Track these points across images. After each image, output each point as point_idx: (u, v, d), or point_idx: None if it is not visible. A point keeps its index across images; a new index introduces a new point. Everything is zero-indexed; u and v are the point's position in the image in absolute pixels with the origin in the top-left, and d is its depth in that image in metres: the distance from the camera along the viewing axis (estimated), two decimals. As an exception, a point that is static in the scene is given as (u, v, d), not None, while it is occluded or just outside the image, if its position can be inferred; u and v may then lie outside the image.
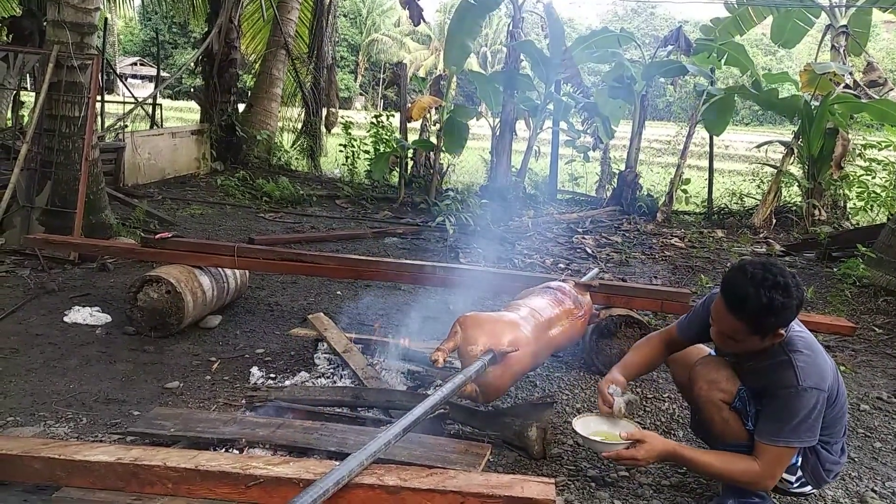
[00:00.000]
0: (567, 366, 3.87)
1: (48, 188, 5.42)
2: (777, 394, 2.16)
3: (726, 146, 17.83)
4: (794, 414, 2.12)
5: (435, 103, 8.95)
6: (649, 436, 2.24)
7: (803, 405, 2.11)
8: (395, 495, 1.62)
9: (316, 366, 3.54)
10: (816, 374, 2.15)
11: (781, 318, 2.13)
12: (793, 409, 2.12)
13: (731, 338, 2.23)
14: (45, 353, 3.62)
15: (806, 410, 2.11)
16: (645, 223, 8.52)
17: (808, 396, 2.11)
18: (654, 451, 2.21)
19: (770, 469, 2.18)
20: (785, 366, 2.16)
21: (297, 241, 6.39)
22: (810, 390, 2.11)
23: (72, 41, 5.34)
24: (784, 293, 2.08)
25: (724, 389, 2.29)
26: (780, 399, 2.15)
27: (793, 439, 2.14)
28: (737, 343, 2.23)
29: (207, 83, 10.64)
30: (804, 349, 2.18)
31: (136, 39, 41.82)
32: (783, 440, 2.14)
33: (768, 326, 2.14)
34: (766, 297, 2.07)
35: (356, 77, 43.35)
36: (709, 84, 9.10)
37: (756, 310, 2.10)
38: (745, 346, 2.24)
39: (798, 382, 2.12)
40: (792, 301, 2.10)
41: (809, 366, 2.15)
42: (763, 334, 2.17)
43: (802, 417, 2.12)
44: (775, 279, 2.09)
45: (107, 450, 1.74)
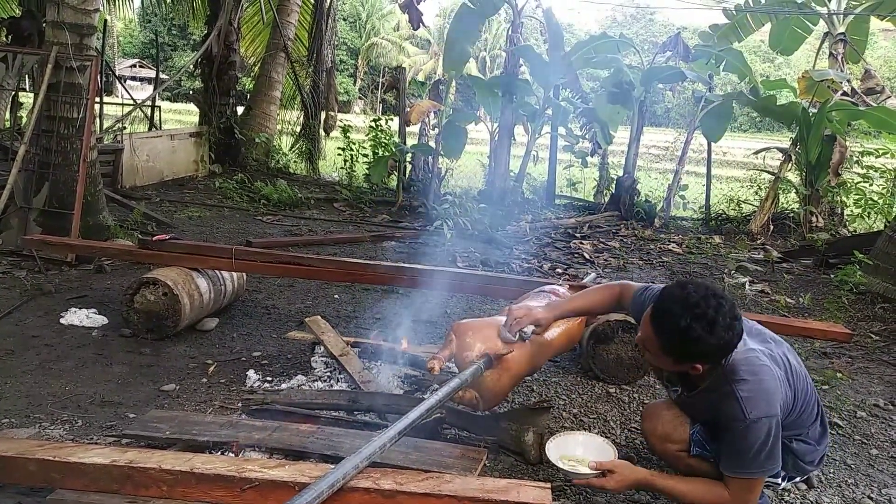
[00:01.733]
0: (564, 371, 3.87)
1: (46, 189, 5.41)
2: (729, 427, 2.07)
3: (724, 152, 17.86)
4: (749, 447, 2.03)
5: (434, 107, 8.96)
6: (620, 465, 2.16)
7: (755, 437, 2.02)
8: (390, 499, 1.61)
9: (313, 369, 3.54)
10: (763, 400, 2.03)
11: (695, 351, 2.01)
12: (746, 442, 2.03)
13: (645, 348, 2.15)
14: (41, 355, 3.61)
15: (760, 441, 2.02)
16: (643, 229, 8.53)
17: (759, 427, 2.02)
18: (626, 482, 2.15)
19: (742, 499, 2.10)
20: (729, 398, 2.05)
21: (294, 245, 6.38)
22: (760, 420, 2.01)
23: (71, 42, 5.34)
24: (706, 328, 1.95)
25: (675, 440, 2.26)
26: (732, 432, 2.06)
27: (755, 470, 2.07)
28: (650, 355, 2.15)
29: (206, 85, 10.64)
30: (747, 376, 2.06)
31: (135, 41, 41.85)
32: (745, 472, 2.07)
33: (680, 353, 2.04)
34: (685, 323, 1.96)
35: (355, 81, 43.40)
36: (707, 90, 9.13)
37: (670, 330, 2.00)
38: (658, 362, 2.16)
39: (745, 416, 2.01)
40: (710, 339, 1.96)
41: (754, 394, 2.03)
42: (675, 359, 2.07)
43: (758, 449, 2.02)
44: (705, 311, 1.95)
45: (102, 452, 1.73)
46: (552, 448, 2.30)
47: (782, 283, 6.22)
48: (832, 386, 3.88)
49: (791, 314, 5.23)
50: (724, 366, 2.11)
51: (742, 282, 5.91)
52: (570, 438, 2.39)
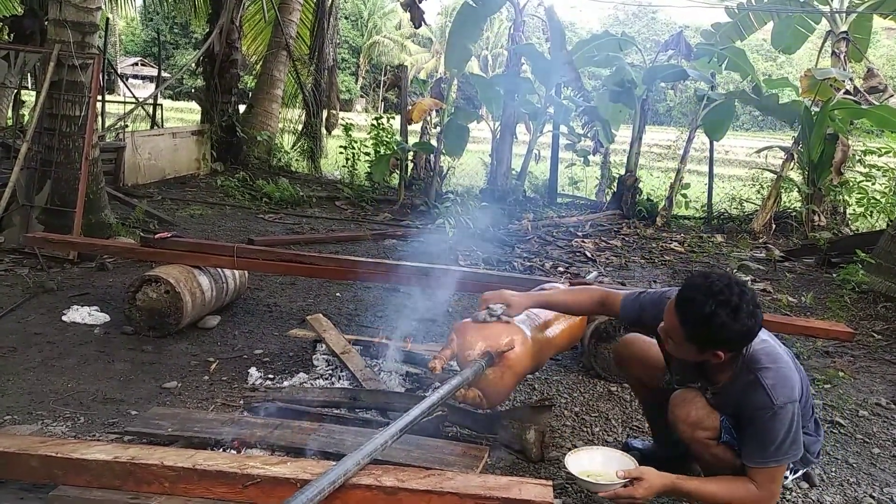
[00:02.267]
0: (566, 369, 3.87)
1: (48, 187, 5.41)
2: (754, 417, 2.11)
3: (726, 151, 17.85)
4: (776, 434, 2.08)
5: (436, 106, 8.96)
6: (647, 472, 2.16)
7: (782, 423, 2.07)
8: (392, 496, 1.61)
9: (314, 367, 3.54)
10: (787, 386, 2.10)
11: (719, 338, 2.05)
12: (773, 430, 2.08)
13: (669, 337, 2.19)
14: (44, 352, 3.62)
15: (786, 428, 2.07)
16: (644, 227, 8.52)
17: (785, 413, 2.07)
18: (653, 488, 2.14)
19: (768, 489, 2.14)
20: (754, 386, 2.10)
21: (296, 243, 6.38)
22: (785, 406, 2.07)
23: (73, 40, 5.34)
24: (731, 314, 2.00)
25: (706, 427, 2.26)
26: (759, 422, 2.10)
27: (781, 457, 2.11)
28: (674, 344, 2.19)
29: (208, 84, 10.65)
30: (769, 364, 2.12)
31: (137, 39, 41.86)
32: (773, 461, 2.11)
33: (704, 340, 2.08)
34: (710, 310, 2.01)
35: (357, 79, 43.40)
36: (709, 89, 9.11)
37: (696, 317, 2.04)
38: (680, 352, 2.20)
39: (773, 402, 2.06)
40: (735, 325, 2.01)
41: (778, 381, 2.09)
42: (698, 346, 2.11)
43: (784, 435, 2.07)
44: (729, 298, 2.01)
45: (104, 448, 1.73)
46: (571, 462, 2.27)
47: (784, 282, 6.21)
48: (834, 385, 3.87)
49: (793, 313, 5.22)
50: (745, 356, 2.15)
51: (744, 281, 5.90)
52: (587, 453, 2.37)
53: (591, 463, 2.31)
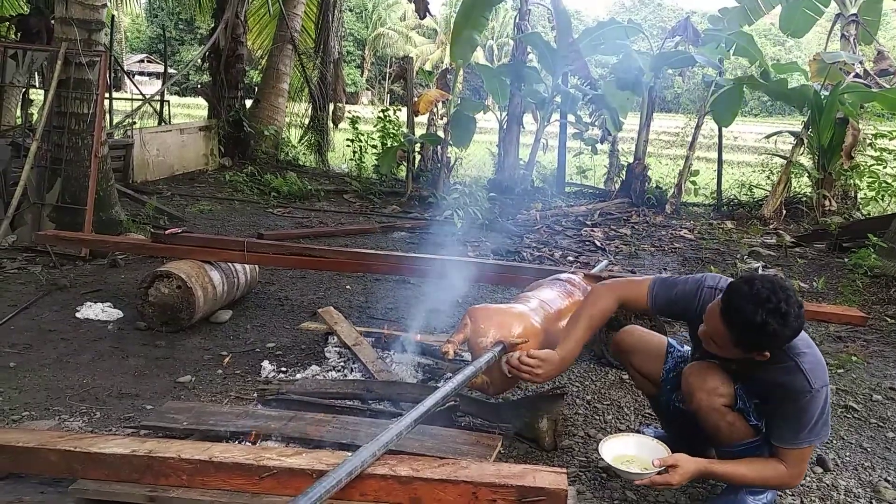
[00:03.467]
0: (577, 358, 3.86)
1: (58, 185, 5.45)
2: (793, 399, 2.16)
3: (735, 137, 17.73)
4: (811, 417, 2.14)
5: (442, 97, 8.93)
6: (681, 459, 2.20)
7: (817, 406, 2.14)
8: (407, 485, 1.62)
9: (327, 359, 3.56)
10: (822, 369, 2.17)
11: (769, 343, 2.10)
12: (809, 412, 2.14)
13: (713, 341, 2.20)
14: (58, 349, 3.65)
15: (820, 409, 2.15)
16: (654, 215, 8.49)
17: (821, 396, 2.14)
18: (688, 474, 2.18)
19: (798, 469, 2.22)
20: (794, 372, 2.14)
21: (305, 236, 6.40)
22: (822, 389, 2.14)
23: (80, 38, 5.37)
24: (781, 321, 2.03)
25: (723, 394, 2.28)
26: (796, 405, 2.15)
27: (813, 438, 2.18)
28: (718, 347, 2.21)
29: (215, 79, 10.66)
30: (805, 349, 2.17)
31: (142, 36, 41.93)
32: (806, 441, 2.18)
33: (753, 345, 2.12)
34: (761, 319, 2.03)
35: (362, 72, 43.32)
36: (717, 75, 9.04)
37: (747, 326, 2.06)
38: (724, 353, 2.22)
39: (811, 387, 2.13)
40: (785, 331, 2.05)
41: (815, 364, 2.16)
42: (746, 350, 2.15)
43: (817, 417, 2.15)
44: (778, 305, 2.02)
45: (121, 442, 1.75)
46: (605, 451, 2.28)
47: (795, 268, 6.18)
48: (847, 369, 3.86)
49: (805, 298, 5.19)
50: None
51: (755, 266, 5.88)
52: (620, 440, 2.38)
53: (624, 449, 2.33)
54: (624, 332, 2.78)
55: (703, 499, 2.50)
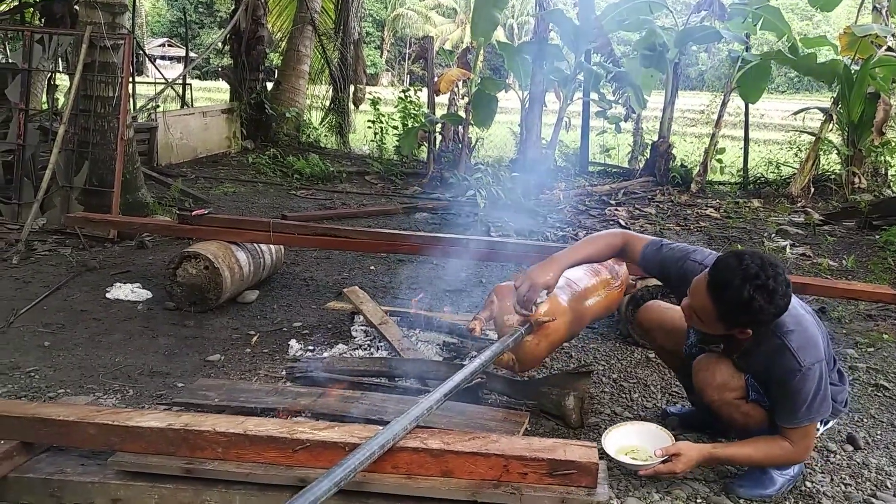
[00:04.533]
0: (602, 337, 3.86)
1: (86, 168, 5.52)
2: (783, 380, 2.14)
3: (761, 115, 17.38)
4: (806, 395, 2.12)
5: (463, 76, 8.86)
6: (684, 447, 2.20)
7: (811, 384, 2.11)
8: (438, 458, 1.64)
9: (353, 338, 3.59)
10: (812, 346, 2.14)
11: (754, 320, 2.08)
12: (802, 391, 2.12)
13: (697, 316, 2.19)
14: (90, 329, 3.72)
15: (814, 387, 2.12)
16: (679, 194, 8.39)
17: (813, 373, 2.11)
18: (692, 461, 2.19)
19: (804, 445, 2.21)
20: (782, 351, 2.13)
21: (328, 218, 6.43)
22: (813, 367, 2.11)
23: (104, 21, 5.40)
24: (767, 298, 2.01)
25: (733, 388, 2.29)
26: (788, 384, 2.14)
27: (813, 415, 2.16)
28: (700, 322, 2.20)
29: (236, 61, 10.68)
30: (793, 326, 2.15)
31: (163, 20, 42.06)
32: (806, 420, 2.16)
33: (737, 321, 2.11)
34: (748, 294, 2.01)
35: (382, 53, 43.12)
36: (744, 50, 8.86)
37: (733, 301, 2.04)
38: (707, 328, 2.22)
39: (800, 365, 2.10)
40: (771, 308, 2.03)
41: (804, 342, 2.13)
42: (729, 325, 2.14)
43: (813, 395, 2.12)
44: (765, 281, 2.01)
45: (158, 416, 1.79)
46: (608, 443, 2.28)
47: (824, 246, 6.09)
48: (878, 348, 3.80)
49: (834, 277, 5.12)
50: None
51: (783, 245, 5.80)
52: (622, 430, 2.38)
53: (627, 439, 2.33)
54: (644, 309, 2.78)
55: (731, 474, 2.50)
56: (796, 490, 2.42)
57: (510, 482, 1.62)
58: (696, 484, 2.43)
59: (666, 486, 2.41)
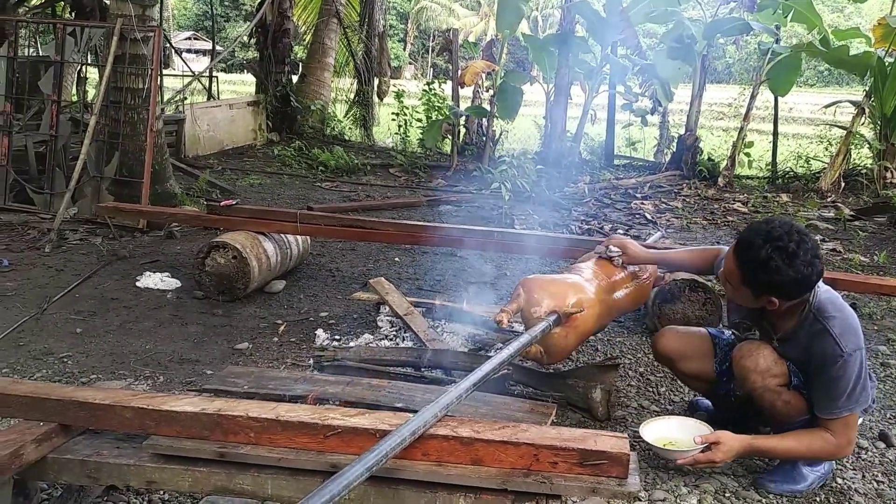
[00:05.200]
0: (629, 331, 3.84)
1: (116, 159, 5.60)
2: (824, 366, 2.13)
3: (790, 108, 17.09)
4: (847, 383, 2.10)
5: (488, 68, 8.84)
6: (724, 435, 2.18)
7: (852, 371, 2.10)
8: (468, 446, 1.64)
9: (379, 328, 3.61)
10: (853, 334, 2.13)
11: (772, 283, 2.07)
12: (844, 379, 2.10)
13: (728, 281, 2.22)
14: (121, 316, 3.78)
15: (855, 375, 2.10)
16: (706, 188, 8.30)
17: (854, 360, 2.10)
18: (732, 451, 2.17)
19: (846, 437, 2.18)
20: (823, 336, 2.12)
21: (353, 210, 6.45)
22: (854, 354, 2.10)
23: (134, 14, 5.46)
24: (786, 260, 2.01)
25: (776, 374, 2.26)
26: (829, 371, 2.12)
27: (853, 405, 2.14)
28: (731, 289, 2.23)
29: (262, 54, 10.75)
30: (835, 313, 2.14)
31: (189, 14, 42.42)
32: (846, 409, 2.14)
33: (758, 284, 2.11)
34: (766, 254, 2.03)
35: (405, 46, 43.11)
36: (774, 42, 8.71)
37: (751, 260, 2.07)
38: (737, 297, 2.24)
39: (842, 351, 2.09)
40: (789, 271, 2.02)
41: (846, 328, 2.12)
42: (754, 291, 2.14)
43: (854, 383, 2.11)
44: (787, 244, 2.02)
45: (191, 401, 1.81)
46: (646, 432, 2.28)
47: (855, 242, 5.98)
48: (912, 345, 3.74)
49: (865, 273, 5.03)
50: (811, 306, 2.16)
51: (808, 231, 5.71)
52: (661, 422, 2.38)
53: (667, 431, 2.31)
54: (661, 337, 2.72)
55: (760, 469, 2.47)
56: (827, 486, 2.40)
57: (540, 471, 1.62)
58: (724, 478, 2.42)
59: (694, 479, 2.39)
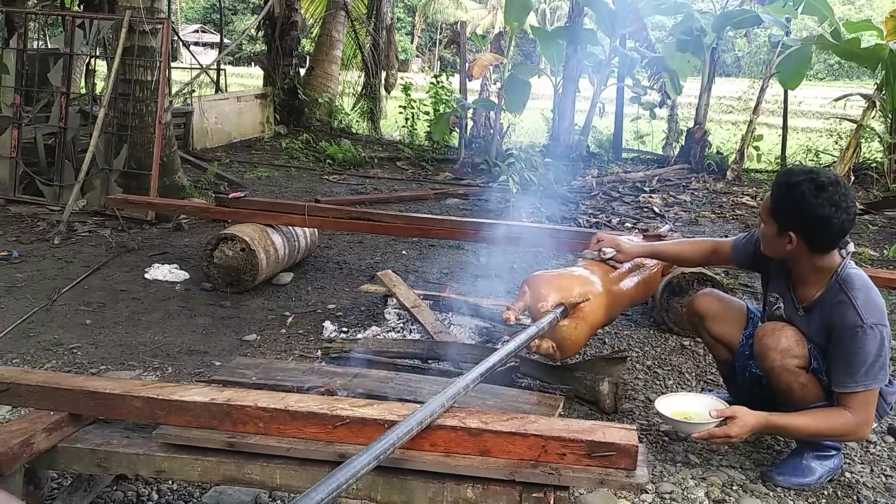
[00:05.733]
0: (636, 324, 3.84)
1: (125, 151, 5.62)
2: (843, 335, 2.12)
3: (800, 102, 16.99)
4: (865, 355, 2.09)
5: (496, 61, 8.81)
6: (739, 410, 2.16)
7: (872, 344, 2.08)
8: (477, 437, 1.65)
9: (386, 321, 3.61)
10: (877, 308, 2.13)
11: (797, 212, 2.10)
12: (863, 350, 2.09)
13: (762, 215, 2.27)
14: (130, 308, 3.80)
15: (876, 348, 2.09)
16: (714, 181, 8.25)
17: (875, 333, 2.09)
18: (748, 426, 2.14)
19: (864, 415, 2.15)
20: (844, 305, 2.13)
21: (361, 203, 6.45)
22: (876, 326, 2.09)
23: (143, 6, 5.46)
24: (814, 190, 2.06)
25: (797, 355, 2.25)
26: (848, 341, 2.11)
27: (871, 381, 2.11)
28: (763, 223, 2.26)
29: (269, 47, 10.75)
30: (860, 286, 2.15)
31: (196, 6, 42.43)
32: (862, 384, 2.11)
33: (783, 213, 2.15)
34: (797, 180, 2.10)
35: (413, 39, 43.01)
36: (784, 35, 8.64)
37: (783, 185, 2.14)
38: (765, 233, 2.26)
39: (863, 321, 2.09)
40: (814, 201, 2.06)
41: (869, 302, 2.12)
42: (778, 223, 2.17)
43: (874, 357, 2.09)
44: (819, 178, 2.09)
45: (201, 391, 1.82)
46: (662, 405, 2.26)
47: (865, 235, 5.95)
48: (922, 339, 3.71)
49: (875, 266, 5.00)
50: (838, 276, 2.19)
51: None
52: (679, 398, 2.37)
53: (684, 405, 2.30)
54: (702, 295, 2.75)
55: (768, 463, 2.47)
56: (835, 480, 2.39)
57: (548, 462, 1.62)
58: (731, 471, 2.42)
59: (702, 472, 2.39)
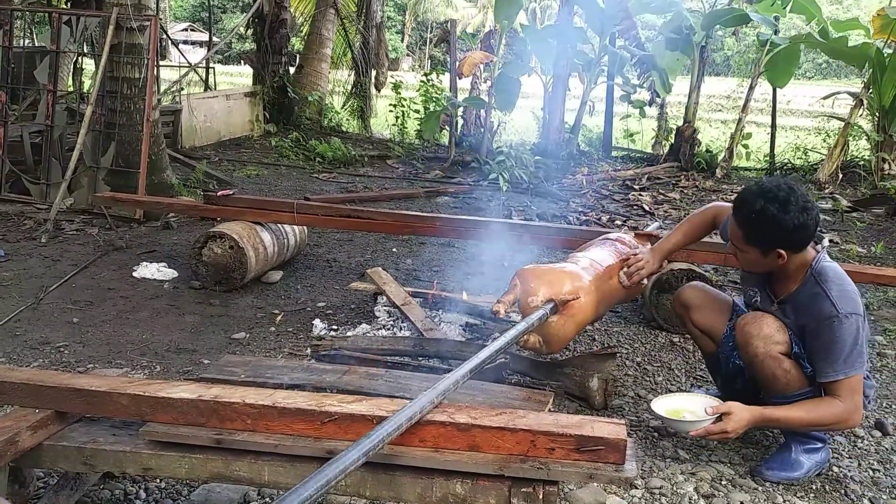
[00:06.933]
0: (626, 321, 3.85)
1: (112, 149, 5.58)
2: (820, 327, 2.18)
3: (788, 101, 17.10)
4: (844, 342, 2.14)
5: (486, 59, 8.81)
6: (734, 406, 2.18)
7: (848, 333, 2.14)
8: (465, 432, 1.64)
9: (376, 318, 3.60)
10: (851, 299, 2.19)
11: (773, 233, 2.16)
12: (840, 339, 2.14)
13: (735, 245, 2.30)
14: (118, 306, 3.78)
15: (852, 337, 2.14)
16: (704, 179, 8.30)
17: (850, 323, 2.15)
18: (744, 421, 2.17)
19: (853, 402, 2.18)
20: (820, 297, 2.19)
21: (350, 201, 6.43)
22: (851, 316, 2.15)
23: (130, 3, 5.42)
24: (780, 207, 2.11)
25: (779, 341, 2.28)
26: (825, 331, 2.17)
27: (850, 369, 2.16)
28: (740, 253, 2.30)
29: (259, 45, 10.71)
30: (834, 279, 2.22)
31: (185, 5, 42.20)
32: (843, 372, 2.16)
33: (762, 239, 2.19)
34: (760, 206, 2.13)
35: (403, 38, 42.96)
36: (772, 33, 8.69)
37: (749, 214, 2.17)
38: (748, 260, 2.30)
39: (838, 311, 2.15)
40: (785, 217, 2.11)
41: (843, 293, 2.19)
42: (760, 247, 2.21)
43: (851, 344, 2.14)
44: (778, 194, 2.13)
45: (188, 388, 1.81)
46: (657, 405, 2.28)
47: (853, 233, 5.99)
48: (908, 334, 3.75)
49: (863, 263, 5.04)
50: (813, 270, 2.24)
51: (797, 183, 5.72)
52: (673, 399, 2.38)
53: (678, 405, 2.31)
54: (688, 287, 2.82)
55: (756, 457, 2.48)
56: (823, 474, 2.41)
57: (537, 457, 1.62)
58: (720, 466, 2.42)
59: (691, 467, 2.40)
